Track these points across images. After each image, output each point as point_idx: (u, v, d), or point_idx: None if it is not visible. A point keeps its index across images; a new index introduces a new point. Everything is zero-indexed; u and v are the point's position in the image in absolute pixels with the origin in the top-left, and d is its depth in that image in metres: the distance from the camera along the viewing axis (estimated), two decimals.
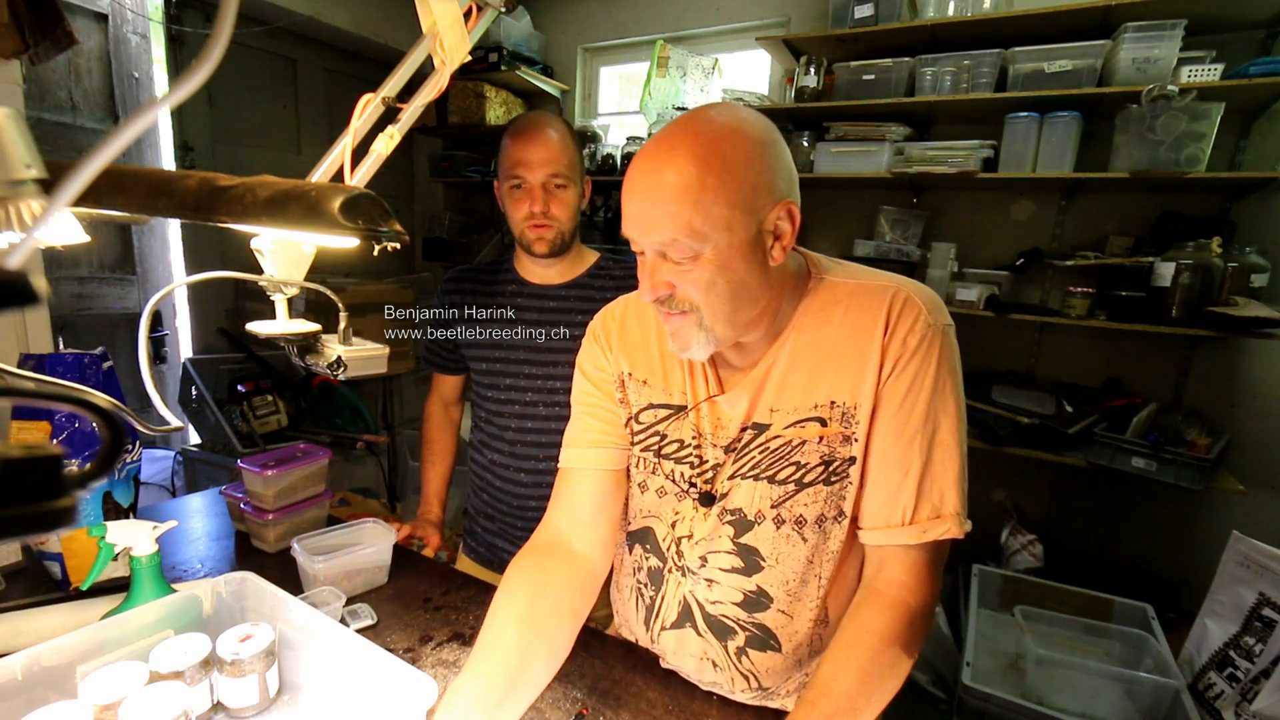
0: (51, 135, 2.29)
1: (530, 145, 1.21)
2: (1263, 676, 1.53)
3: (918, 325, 0.75)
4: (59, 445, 0.82)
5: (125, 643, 0.80)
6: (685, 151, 0.68)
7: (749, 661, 0.87)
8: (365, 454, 2.86)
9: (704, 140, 0.68)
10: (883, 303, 0.76)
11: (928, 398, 0.75)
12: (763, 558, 0.83)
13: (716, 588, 0.87)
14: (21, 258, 0.38)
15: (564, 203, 1.25)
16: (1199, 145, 1.88)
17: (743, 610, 0.86)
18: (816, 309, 0.79)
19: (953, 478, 0.76)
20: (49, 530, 0.34)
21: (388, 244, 0.68)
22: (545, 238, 1.25)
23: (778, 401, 0.80)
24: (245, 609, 0.92)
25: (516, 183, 1.23)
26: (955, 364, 0.77)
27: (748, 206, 0.69)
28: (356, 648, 0.79)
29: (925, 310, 0.75)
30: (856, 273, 0.82)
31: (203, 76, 0.39)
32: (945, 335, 0.76)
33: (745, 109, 0.74)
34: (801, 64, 2.45)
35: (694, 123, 0.70)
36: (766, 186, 0.70)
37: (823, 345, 0.78)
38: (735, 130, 0.70)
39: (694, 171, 0.67)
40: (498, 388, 1.33)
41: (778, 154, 0.72)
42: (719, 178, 0.68)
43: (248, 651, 0.80)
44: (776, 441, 0.81)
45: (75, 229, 0.81)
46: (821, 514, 0.81)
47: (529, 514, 1.34)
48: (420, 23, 0.91)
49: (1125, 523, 2.32)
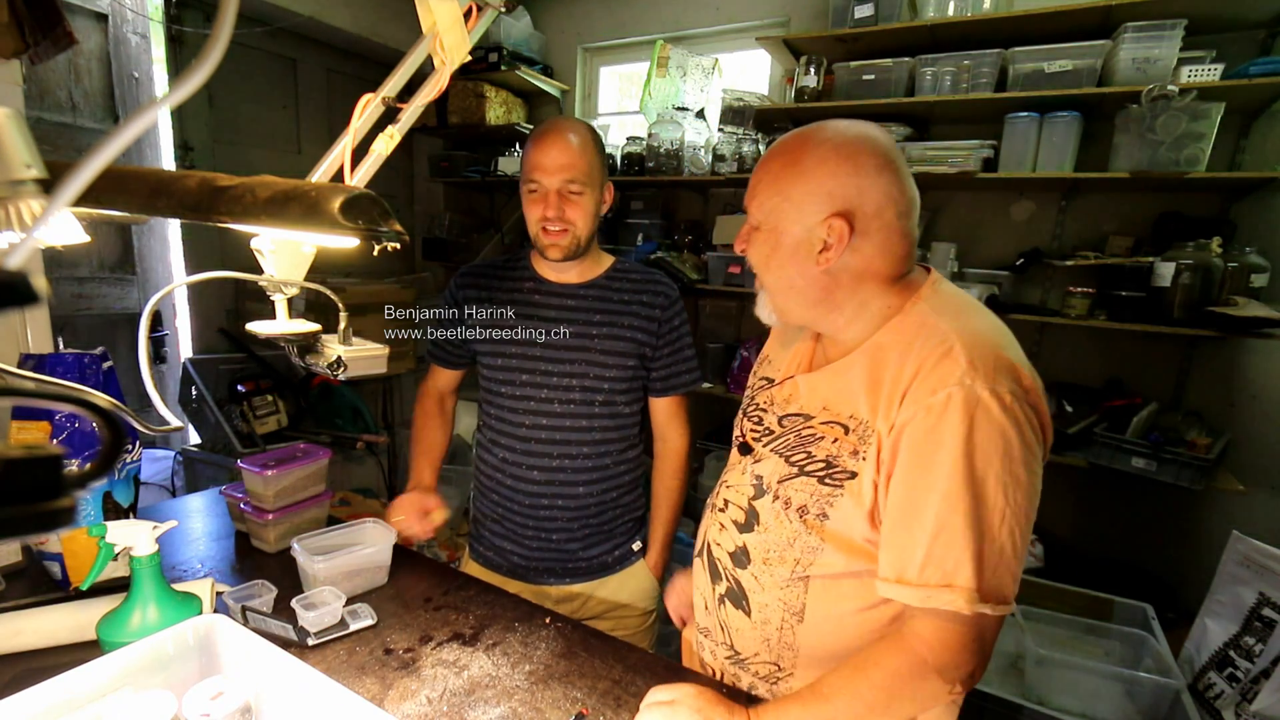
0: (51, 135, 2.29)
1: (547, 150, 1.22)
2: (1263, 676, 1.53)
3: (947, 381, 0.72)
4: (59, 445, 0.82)
5: (76, 707, 0.70)
6: (786, 147, 0.83)
7: (725, 612, 0.94)
8: (365, 454, 2.86)
9: (800, 140, 0.82)
10: (925, 350, 0.75)
11: (952, 460, 0.71)
12: (758, 521, 0.90)
13: (723, 533, 0.95)
14: (21, 258, 0.38)
15: (580, 208, 1.24)
16: (1199, 145, 1.88)
17: (730, 561, 0.93)
18: (894, 333, 0.81)
19: (972, 553, 0.71)
20: (49, 530, 0.34)
21: (388, 244, 0.68)
22: (559, 243, 1.26)
23: (829, 401, 0.85)
24: (216, 658, 0.82)
25: (532, 187, 1.25)
26: (1003, 438, 0.71)
27: (797, 204, 0.80)
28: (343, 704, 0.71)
29: (964, 369, 0.72)
30: (950, 311, 0.79)
31: (203, 76, 0.39)
32: (985, 403, 0.70)
33: (874, 129, 0.82)
34: (801, 64, 2.45)
35: (816, 128, 0.83)
36: (823, 194, 0.78)
37: (877, 369, 0.80)
38: (825, 142, 0.80)
39: (775, 164, 0.83)
40: (512, 384, 1.32)
41: (852, 175, 0.78)
42: (786, 171, 0.81)
43: (220, 712, 0.71)
44: (807, 430, 0.86)
45: (75, 229, 0.81)
46: (805, 505, 0.84)
47: (540, 513, 1.34)
48: (420, 23, 0.91)
49: (1125, 523, 2.32)
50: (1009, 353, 0.75)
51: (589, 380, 1.30)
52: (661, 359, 1.36)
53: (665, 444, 1.44)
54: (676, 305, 1.37)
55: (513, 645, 1.02)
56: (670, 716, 0.79)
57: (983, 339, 0.76)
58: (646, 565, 1.44)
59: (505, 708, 0.88)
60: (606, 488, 1.36)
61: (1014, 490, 0.72)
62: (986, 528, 0.72)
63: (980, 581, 0.71)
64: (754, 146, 2.61)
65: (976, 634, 0.75)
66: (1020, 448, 0.72)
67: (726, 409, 2.98)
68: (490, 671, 0.96)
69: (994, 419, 0.71)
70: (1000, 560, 0.72)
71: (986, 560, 0.72)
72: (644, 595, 1.42)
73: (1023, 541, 0.74)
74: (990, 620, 0.75)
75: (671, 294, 1.36)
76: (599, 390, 1.31)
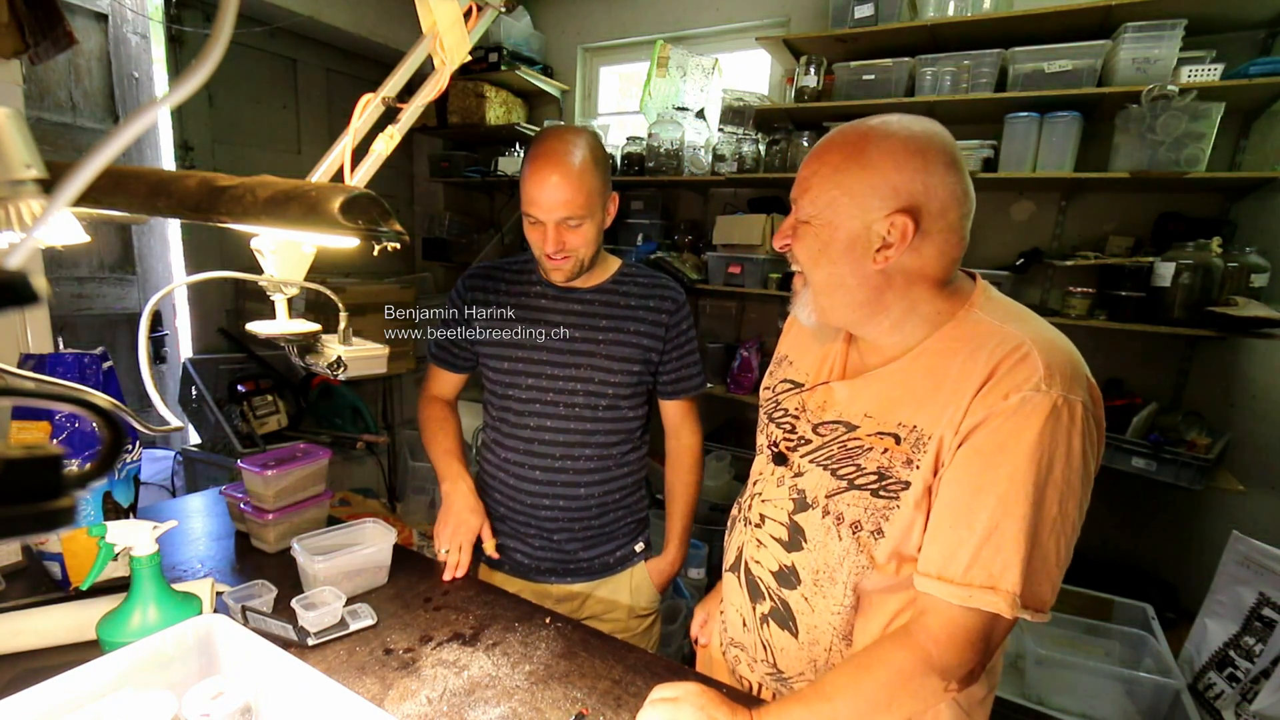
0: (51, 135, 2.29)
1: (542, 185, 1.16)
2: (1263, 676, 1.53)
3: (1023, 386, 0.70)
4: (59, 445, 0.82)
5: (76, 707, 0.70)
6: (845, 139, 0.78)
7: (769, 632, 0.91)
8: (365, 454, 2.86)
9: (863, 133, 0.78)
10: (1000, 352, 0.73)
11: (1016, 464, 0.70)
12: (805, 539, 0.86)
13: (762, 550, 0.92)
14: (21, 258, 0.38)
15: (581, 235, 1.21)
16: (1199, 145, 1.88)
17: (775, 581, 0.90)
18: (949, 338, 0.79)
19: (1021, 558, 0.70)
20: (49, 530, 0.34)
21: (388, 244, 0.68)
22: (562, 268, 1.24)
23: (874, 409, 0.82)
24: (216, 658, 0.82)
25: (531, 220, 1.21)
26: (1068, 448, 0.70)
27: (858, 199, 0.76)
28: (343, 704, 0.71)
29: (1042, 374, 0.70)
30: (1012, 317, 0.79)
31: (203, 76, 0.39)
32: (1059, 410, 0.69)
33: (940, 127, 0.78)
34: (801, 64, 2.45)
35: (880, 121, 0.78)
36: (887, 190, 0.75)
37: (935, 374, 0.78)
38: (892, 135, 0.76)
39: (835, 155, 0.78)
40: (519, 386, 1.32)
41: (920, 170, 0.74)
42: (848, 164, 0.76)
43: (220, 712, 0.71)
44: (854, 442, 0.83)
45: (75, 229, 0.81)
46: (859, 520, 0.81)
47: (542, 513, 1.34)
48: (420, 23, 0.91)
49: (1125, 523, 2.32)
50: (1082, 365, 0.74)
51: (594, 385, 1.30)
52: (669, 363, 1.36)
53: (678, 441, 1.45)
54: (684, 310, 1.36)
55: (513, 645, 1.02)
56: (674, 713, 0.79)
57: (1057, 347, 0.74)
58: (652, 568, 1.44)
59: (505, 708, 0.88)
60: (609, 489, 1.36)
61: (1069, 501, 0.71)
62: (1038, 535, 0.71)
63: (1024, 586, 0.71)
64: (754, 146, 2.61)
65: (985, 634, 0.74)
66: (1081, 460, 0.71)
67: (727, 409, 2.99)
68: (490, 671, 0.96)
69: (1064, 429, 0.70)
70: (1044, 568, 0.72)
71: (1035, 567, 0.71)
72: (645, 596, 1.42)
73: (1067, 552, 0.74)
74: (1003, 624, 0.74)
75: (679, 298, 1.36)
76: (603, 395, 1.31)
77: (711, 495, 2.63)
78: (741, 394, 2.66)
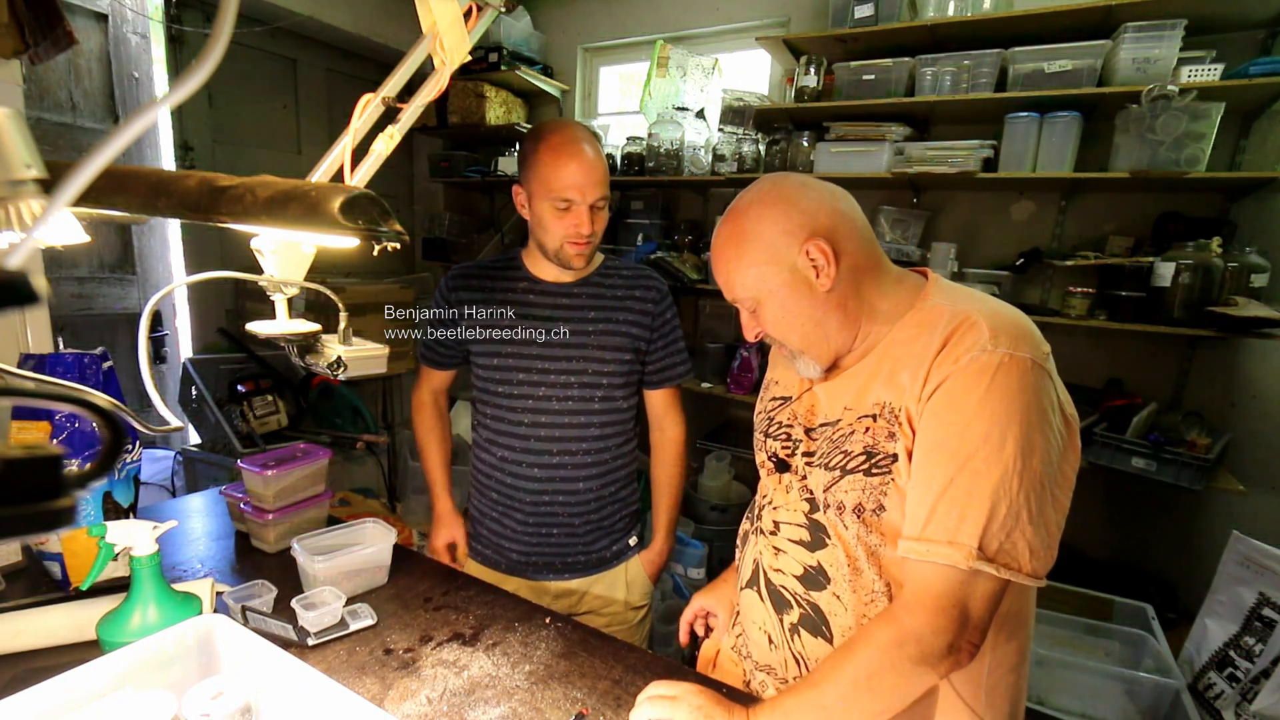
0: (51, 135, 2.29)
1: (581, 168, 1.22)
2: (1263, 676, 1.53)
3: (972, 347, 0.74)
4: (59, 445, 0.82)
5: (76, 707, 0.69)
6: (724, 234, 0.88)
7: (800, 643, 0.89)
8: (365, 454, 2.86)
9: (733, 221, 0.87)
10: (951, 325, 0.77)
11: (967, 420, 0.72)
12: (828, 535, 0.87)
13: (782, 557, 0.91)
14: (21, 258, 0.38)
15: (603, 219, 1.29)
16: (1199, 145, 1.88)
17: (801, 585, 0.89)
18: (910, 325, 0.83)
19: (980, 512, 0.71)
20: (49, 530, 0.34)
21: (388, 244, 0.68)
22: (584, 254, 1.29)
23: (852, 401, 0.86)
24: (216, 658, 0.82)
25: (563, 205, 1.23)
26: (1019, 398, 0.72)
27: (772, 259, 0.84)
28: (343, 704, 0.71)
29: (988, 335, 0.74)
30: (963, 298, 0.84)
31: (203, 76, 0.39)
32: (1006, 365, 0.72)
33: (777, 177, 0.88)
34: (801, 64, 2.45)
35: (731, 208, 0.89)
36: (786, 237, 0.83)
37: (899, 357, 0.81)
38: (752, 204, 0.86)
39: (729, 250, 0.87)
40: (509, 383, 1.33)
41: (791, 208, 0.83)
42: (742, 248, 0.86)
43: (220, 712, 0.71)
44: (838, 433, 0.86)
45: (75, 229, 0.81)
46: (860, 503, 0.82)
47: (541, 510, 1.34)
48: (420, 23, 0.91)
49: (1125, 523, 2.32)
50: (1030, 329, 0.77)
51: (587, 376, 1.32)
52: (656, 352, 1.39)
53: (663, 433, 1.47)
54: (667, 299, 1.41)
55: (513, 645, 1.02)
56: (672, 709, 0.79)
57: (1003, 315, 0.78)
58: (643, 560, 1.45)
59: (505, 708, 0.88)
60: (606, 482, 1.37)
61: (1033, 455, 0.71)
62: (1002, 488, 0.71)
63: (985, 540, 0.70)
64: (754, 146, 2.62)
65: (958, 599, 0.72)
66: (1040, 413, 0.72)
67: (727, 409, 2.99)
68: (490, 671, 0.96)
69: (1013, 381, 0.72)
70: (1016, 524, 0.71)
71: (997, 520, 0.71)
72: (638, 590, 1.44)
73: (1052, 509, 0.74)
74: (981, 589, 0.72)
75: (662, 288, 1.41)
76: (598, 386, 1.32)
77: (712, 495, 2.63)
78: (741, 394, 2.66)
